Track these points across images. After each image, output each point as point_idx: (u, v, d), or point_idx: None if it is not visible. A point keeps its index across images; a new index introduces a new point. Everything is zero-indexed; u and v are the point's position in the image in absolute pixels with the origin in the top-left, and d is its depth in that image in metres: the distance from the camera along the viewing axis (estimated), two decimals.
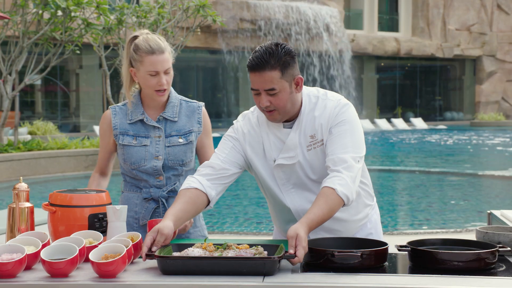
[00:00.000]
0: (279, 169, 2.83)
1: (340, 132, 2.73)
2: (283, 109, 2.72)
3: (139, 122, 3.17)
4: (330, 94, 2.85)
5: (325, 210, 2.57)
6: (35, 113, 28.56)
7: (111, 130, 3.19)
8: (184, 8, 15.66)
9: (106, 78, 16.63)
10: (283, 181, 2.85)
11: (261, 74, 2.66)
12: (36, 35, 14.39)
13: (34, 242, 2.49)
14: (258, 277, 2.30)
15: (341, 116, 2.76)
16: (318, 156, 2.79)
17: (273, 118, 2.76)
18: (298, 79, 2.73)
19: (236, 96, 32.99)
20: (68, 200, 2.83)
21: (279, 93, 2.68)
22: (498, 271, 2.41)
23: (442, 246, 2.60)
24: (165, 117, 3.18)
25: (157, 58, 3.04)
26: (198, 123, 3.22)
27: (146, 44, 3.06)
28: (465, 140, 25.41)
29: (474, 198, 11.27)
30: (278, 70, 2.66)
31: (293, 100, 2.74)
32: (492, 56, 40.47)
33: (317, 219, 2.54)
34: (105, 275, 2.30)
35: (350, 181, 2.64)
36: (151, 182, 3.16)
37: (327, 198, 2.59)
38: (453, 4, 39.15)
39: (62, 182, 12.89)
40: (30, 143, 14.43)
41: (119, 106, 3.23)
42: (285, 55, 2.67)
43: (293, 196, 2.85)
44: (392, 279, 2.33)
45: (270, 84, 2.66)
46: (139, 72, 3.09)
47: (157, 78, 3.07)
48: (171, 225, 2.55)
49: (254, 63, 2.66)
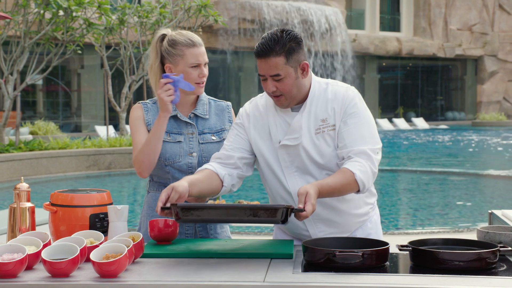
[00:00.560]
0: (283, 150, 2.85)
1: (357, 123, 2.78)
2: (289, 94, 2.78)
3: (171, 119, 3.14)
4: (339, 82, 2.91)
5: (339, 184, 2.66)
6: (36, 113, 28.59)
7: (145, 124, 3.14)
8: (186, 8, 15.67)
9: (107, 78, 16.63)
10: (286, 163, 2.86)
11: (266, 61, 2.72)
12: (38, 35, 14.40)
13: (35, 242, 2.49)
14: (259, 276, 2.30)
15: (355, 106, 2.81)
16: (326, 140, 2.81)
17: (281, 103, 2.82)
18: (304, 64, 2.78)
19: (238, 95, 33.00)
20: (69, 200, 2.83)
21: (284, 79, 2.74)
22: (499, 270, 2.41)
23: (443, 246, 2.60)
24: (197, 114, 3.17)
25: (198, 50, 3.06)
26: (229, 121, 3.23)
27: (184, 37, 3.07)
28: (467, 140, 25.39)
29: (476, 197, 11.27)
30: (283, 57, 2.71)
31: (299, 85, 2.79)
32: (494, 56, 40.45)
33: (327, 187, 2.64)
34: (106, 275, 2.30)
35: (370, 170, 2.72)
36: None
37: (344, 176, 2.68)
38: (455, 4, 39.13)
39: (64, 182, 12.90)
40: (31, 143, 14.44)
41: (150, 103, 3.19)
42: (290, 41, 2.73)
43: (295, 179, 2.86)
44: (393, 279, 2.32)
45: (275, 70, 2.72)
46: (177, 67, 3.07)
47: (199, 70, 3.07)
48: (186, 185, 2.66)
49: (260, 50, 2.73)
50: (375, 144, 2.78)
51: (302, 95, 2.83)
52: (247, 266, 2.45)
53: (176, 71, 3.09)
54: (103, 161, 14.48)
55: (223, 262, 2.52)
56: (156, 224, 2.80)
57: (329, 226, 2.92)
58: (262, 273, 2.35)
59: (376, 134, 2.83)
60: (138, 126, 3.13)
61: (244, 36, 29.81)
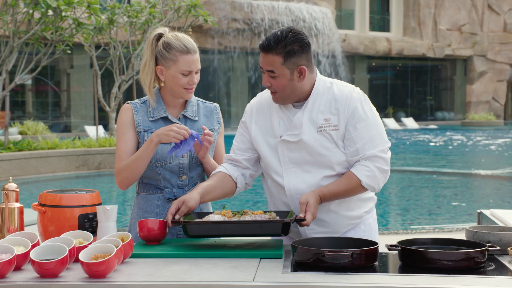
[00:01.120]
0: (284, 145, 2.88)
1: (365, 126, 2.83)
2: (282, 92, 2.82)
3: (160, 120, 3.13)
4: (344, 82, 2.94)
5: (342, 190, 2.79)
6: (25, 113, 28.46)
7: (134, 124, 3.12)
8: (176, 8, 15.64)
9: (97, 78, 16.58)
10: (285, 159, 2.89)
11: (265, 56, 2.79)
12: (27, 34, 14.34)
13: (23, 243, 2.48)
14: (248, 276, 2.30)
15: (362, 109, 2.84)
16: (327, 138, 2.85)
17: (275, 99, 2.87)
18: (302, 69, 2.79)
19: (228, 96, 32.98)
20: (58, 200, 2.82)
21: (278, 78, 2.79)
22: (488, 270, 2.42)
23: (432, 246, 2.61)
24: (186, 116, 3.17)
25: (192, 57, 3.05)
26: (218, 123, 3.24)
27: (180, 43, 3.05)
28: (456, 140, 25.49)
29: (465, 197, 11.31)
30: (281, 57, 2.76)
31: (294, 87, 2.82)
32: (483, 56, 40.61)
33: (329, 193, 2.77)
34: (95, 275, 2.29)
35: (378, 173, 2.81)
36: (173, 182, 3.11)
37: (349, 182, 2.79)
38: (444, 4, 39.26)
39: (53, 182, 12.85)
40: (20, 143, 14.38)
41: (139, 103, 3.17)
42: (293, 43, 2.76)
43: (291, 175, 2.89)
44: (382, 278, 2.33)
45: (270, 67, 2.79)
46: (169, 71, 3.06)
47: (189, 78, 3.06)
48: (197, 198, 2.83)
49: (263, 44, 2.80)
50: (384, 144, 2.85)
51: (298, 96, 2.85)
52: (236, 266, 2.45)
53: (166, 75, 3.07)
54: (92, 161, 14.44)
55: (213, 262, 2.52)
56: (146, 224, 2.80)
57: (319, 225, 2.93)
58: (251, 273, 2.35)
59: (384, 133, 2.89)
60: (125, 131, 3.11)
61: (234, 36, 29.80)
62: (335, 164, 2.85)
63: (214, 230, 2.67)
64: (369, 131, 2.82)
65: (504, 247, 2.62)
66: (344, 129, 2.84)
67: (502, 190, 12.24)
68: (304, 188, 2.86)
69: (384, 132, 2.89)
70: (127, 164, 3.03)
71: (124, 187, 3.08)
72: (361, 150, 2.81)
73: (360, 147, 2.81)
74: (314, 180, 2.87)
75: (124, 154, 3.07)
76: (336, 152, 2.85)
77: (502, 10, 40.91)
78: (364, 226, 3.03)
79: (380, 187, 2.85)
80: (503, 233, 2.66)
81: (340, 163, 2.86)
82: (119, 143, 3.10)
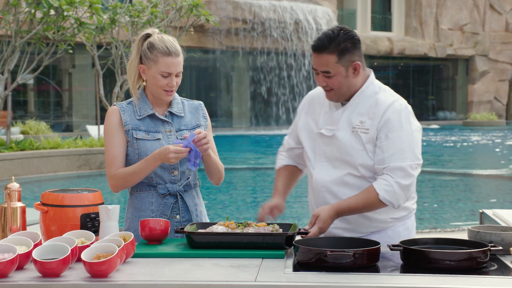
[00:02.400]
0: (320, 139, 2.98)
1: (398, 137, 2.83)
2: (339, 90, 2.89)
3: (147, 118, 3.16)
4: (392, 91, 3.00)
5: (360, 204, 2.82)
6: (27, 113, 28.47)
7: (122, 126, 3.13)
8: (177, 8, 15.65)
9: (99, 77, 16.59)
10: (320, 152, 2.99)
11: (319, 56, 2.85)
12: (29, 34, 14.35)
13: (25, 242, 2.49)
14: (250, 276, 2.30)
15: (399, 119, 2.85)
16: (357, 140, 2.89)
17: (330, 97, 2.94)
18: (356, 64, 2.87)
19: (230, 95, 32.98)
20: (60, 200, 2.82)
21: (334, 76, 2.85)
22: (490, 270, 2.42)
23: (434, 246, 2.61)
24: (172, 113, 3.19)
25: (172, 60, 3.07)
26: (204, 118, 3.27)
27: (162, 44, 3.08)
28: (458, 139, 25.46)
29: (467, 197, 11.30)
30: (336, 55, 2.82)
31: (349, 84, 2.89)
32: (485, 56, 40.56)
33: (347, 208, 2.82)
34: (97, 275, 2.29)
35: (397, 188, 2.80)
36: (166, 178, 3.13)
37: (368, 196, 2.82)
38: (446, 4, 39.22)
39: (55, 181, 12.86)
40: (22, 143, 14.38)
41: (125, 104, 3.20)
42: (346, 40, 2.83)
43: (321, 167, 2.98)
44: (384, 278, 2.33)
45: (325, 67, 2.84)
46: (150, 71, 3.09)
47: (168, 80, 3.08)
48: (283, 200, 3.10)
49: (315, 45, 2.85)
50: (413, 159, 2.84)
51: (351, 93, 2.93)
52: (238, 265, 2.45)
53: (147, 75, 3.11)
54: (94, 160, 14.44)
55: (215, 261, 2.52)
56: (147, 224, 2.80)
57: (341, 221, 2.95)
58: (253, 273, 2.35)
59: (418, 150, 2.88)
60: (114, 134, 3.12)
61: (236, 36, 29.79)
62: (360, 166, 2.89)
63: (217, 241, 2.68)
64: (400, 143, 2.83)
65: (507, 247, 2.62)
66: (375, 135, 2.86)
67: (504, 190, 12.23)
68: (328, 181, 2.94)
69: (418, 149, 2.88)
70: (124, 175, 3.07)
71: (117, 191, 3.14)
72: (388, 160, 2.82)
73: (387, 157, 2.82)
74: (338, 175, 2.93)
75: (115, 159, 3.10)
76: (362, 155, 2.88)
77: (504, 10, 40.86)
78: (391, 233, 3.01)
79: (400, 203, 2.83)
80: (505, 233, 2.66)
81: (364, 166, 2.89)
82: (108, 146, 3.12)
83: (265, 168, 15.34)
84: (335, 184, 2.93)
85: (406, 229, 3.06)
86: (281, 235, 2.67)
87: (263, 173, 14.33)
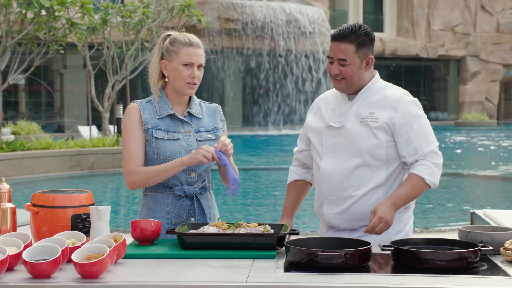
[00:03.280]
0: (328, 131, 3.11)
1: (420, 126, 3.03)
2: (350, 79, 3.04)
3: (167, 118, 3.15)
4: (397, 87, 3.18)
5: (410, 191, 2.95)
6: (18, 113, 28.39)
7: (142, 124, 3.12)
8: (169, 8, 15.63)
9: (90, 78, 16.55)
10: (327, 143, 3.11)
11: (339, 44, 3.02)
12: (20, 34, 14.31)
13: (16, 243, 2.48)
14: (241, 277, 2.30)
15: (415, 110, 3.05)
16: (366, 129, 3.03)
17: (339, 87, 3.08)
18: (369, 59, 3.08)
19: (221, 96, 32.98)
20: (51, 201, 2.81)
21: (349, 66, 3.02)
22: (480, 270, 2.43)
23: (425, 246, 2.61)
24: (191, 113, 3.19)
25: (194, 50, 3.10)
26: (221, 121, 3.28)
27: (184, 37, 3.13)
28: (449, 140, 25.53)
29: (458, 197, 11.33)
30: (354, 46, 3.01)
31: (360, 76, 3.06)
32: (476, 57, 40.71)
33: (400, 197, 2.93)
34: (88, 276, 2.29)
35: (436, 169, 3.00)
36: (182, 179, 3.11)
37: (413, 182, 2.96)
38: (438, 5, 39.34)
39: (46, 182, 12.82)
40: (13, 143, 14.34)
41: (144, 102, 3.19)
42: (365, 35, 3.04)
43: (328, 158, 3.10)
44: (375, 278, 2.33)
45: (343, 55, 3.01)
46: (171, 64, 3.10)
47: (190, 70, 3.09)
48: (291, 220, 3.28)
49: (336, 34, 3.03)
50: (436, 141, 3.08)
51: (360, 85, 3.09)
52: (230, 266, 2.45)
53: (169, 69, 3.11)
54: (86, 161, 14.42)
55: (206, 262, 2.52)
56: (138, 225, 2.79)
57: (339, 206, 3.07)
58: (244, 274, 2.35)
59: (433, 133, 3.10)
60: (134, 131, 3.11)
61: (228, 36, 29.79)
62: (364, 152, 3.01)
63: (208, 241, 2.68)
64: (424, 130, 3.04)
65: (497, 247, 2.63)
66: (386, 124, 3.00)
67: (495, 190, 12.28)
68: (335, 173, 3.06)
69: (433, 133, 3.10)
70: (148, 173, 3.04)
71: (134, 188, 3.11)
72: (419, 148, 3.00)
73: (418, 145, 3.00)
74: (345, 166, 3.04)
75: (135, 155, 3.08)
76: (369, 142, 3.01)
77: (495, 11, 41.02)
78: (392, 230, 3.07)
79: (438, 182, 3.02)
80: (495, 233, 2.67)
81: (368, 151, 3.01)
82: (128, 142, 3.09)
83: (257, 168, 15.35)
84: (341, 173, 3.05)
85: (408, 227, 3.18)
86: (273, 235, 2.67)
87: (254, 174, 14.34)
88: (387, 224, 2.86)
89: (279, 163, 16.82)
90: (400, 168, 3.08)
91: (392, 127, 3.01)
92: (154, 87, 3.17)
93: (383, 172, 3.04)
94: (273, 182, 13.27)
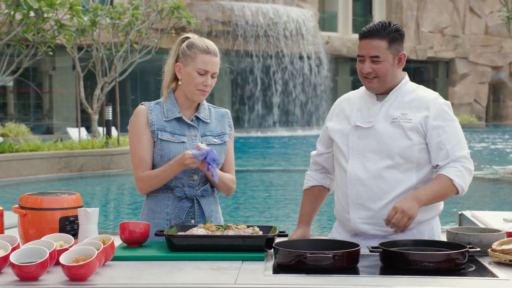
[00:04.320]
0: (355, 132, 3.01)
1: (453, 129, 2.97)
2: (383, 77, 2.95)
3: (174, 121, 3.14)
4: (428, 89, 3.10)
5: (436, 191, 2.87)
6: (7, 115, 28.25)
7: (149, 125, 3.12)
8: (159, 10, 15.62)
9: (79, 79, 16.50)
10: (353, 145, 3.01)
11: (370, 41, 2.93)
12: (8, 36, 14.24)
13: (3, 246, 2.46)
14: (230, 279, 2.30)
15: (449, 113, 2.98)
16: (398, 129, 2.94)
17: (371, 86, 2.98)
18: (402, 55, 2.99)
19: (211, 97, 32.96)
20: (38, 203, 2.80)
21: (382, 63, 2.94)
22: (468, 271, 2.44)
23: (413, 247, 2.62)
24: (199, 118, 3.18)
25: (211, 58, 3.09)
26: (229, 126, 3.26)
27: (202, 43, 3.11)
28: None
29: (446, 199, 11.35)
30: (386, 41, 2.93)
31: (393, 73, 2.98)
32: (465, 59, 40.89)
33: (424, 191, 2.85)
34: (76, 279, 2.28)
35: (466, 173, 2.91)
36: (184, 181, 3.11)
37: (441, 182, 2.88)
38: (427, 7, 39.49)
39: (35, 184, 12.77)
40: (2, 145, 14.27)
41: (152, 104, 3.18)
42: (395, 31, 2.96)
43: (354, 161, 2.99)
44: (364, 280, 2.34)
45: (376, 52, 2.93)
46: (186, 68, 3.09)
47: (204, 78, 3.08)
48: (309, 229, 3.19)
49: (366, 31, 2.95)
50: (467, 147, 3.00)
51: (393, 84, 3.00)
52: (218, 268, 2.45)
53: (183, 73, 3.11)
54: (75, 163, 14.37)
55: (195, 264, 2.51)
56: (127, 227, 2.79)
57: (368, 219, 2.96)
58: (233, 276, 2.35)
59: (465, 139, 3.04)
60: (142, 134, 3.11)
61: (217, 38, 29.78)
62: (396, 154, 2.93)
63: (197, 243, 2.67)
64: (457, 134, 2.97)
65: (485, 249, 2.64)
66: (420, 125, 2.93)
67: (483, 192, 12.32)
68: (363, 175, 2.95)
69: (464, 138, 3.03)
70: (150, 178, 3.07)
71: (144, 193, 3.16)
72: (451, 152, 2.92)
73: (450, 149, 2.92)
74: (373, 168, 2.94)
75: (143, 161, 3.09)
76: (400, 143, 2.92)
77: (483, 13, 41.21)
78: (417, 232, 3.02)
79: (467, 188, 2.94)
80: (483, 235, 2.68)
81: (400, 152, 2.92)
82: (136, 146, 3.11)
83: (247, 170, 15.35)
84: (370, 175, 2.95)
85: (431, 228, 3.09)
86: (261, 237, 2.67)
87: (245, 176, 14.34)
88: (404, 214, 2.75)
89: (268, 165, 16.84)
90: (431, 173, 3.00)
91: (425, 128, 2.93)
92: (165, 88, 3.17)
93: (414, 175, 2.94)
94: (263, 184, 13.27)
